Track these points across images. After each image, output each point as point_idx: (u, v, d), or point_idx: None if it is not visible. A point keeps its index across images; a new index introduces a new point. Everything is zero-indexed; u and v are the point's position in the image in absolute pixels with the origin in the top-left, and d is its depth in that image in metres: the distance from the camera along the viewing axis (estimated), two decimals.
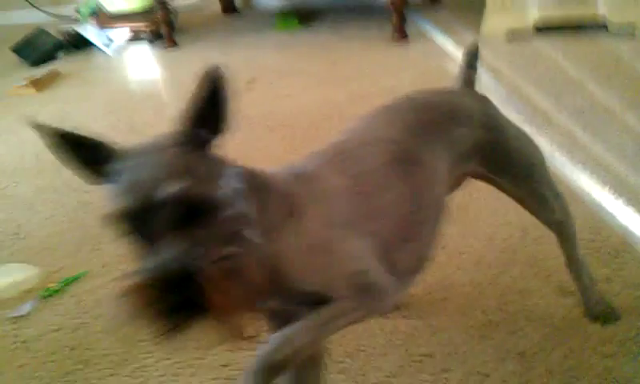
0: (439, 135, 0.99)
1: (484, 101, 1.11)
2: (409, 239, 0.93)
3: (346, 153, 0.94)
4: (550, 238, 1.46)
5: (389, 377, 1.17)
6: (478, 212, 1.60)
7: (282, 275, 0.82)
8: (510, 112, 2.03)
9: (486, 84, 2.32)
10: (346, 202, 0.88)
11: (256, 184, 0.83)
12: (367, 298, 0.85)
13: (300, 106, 2.43)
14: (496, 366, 1.15)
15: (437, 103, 1.04)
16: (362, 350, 1.24)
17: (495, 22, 2.81)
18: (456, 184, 1.07)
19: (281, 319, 0.86)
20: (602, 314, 1.21)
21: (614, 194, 1.60)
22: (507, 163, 1.08)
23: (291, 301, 0.85)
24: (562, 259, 1.38)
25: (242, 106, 2.71)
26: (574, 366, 1.13)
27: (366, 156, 0.93)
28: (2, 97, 3.05)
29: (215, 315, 0.70)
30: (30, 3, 4.40)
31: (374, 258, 0.87)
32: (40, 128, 0.78)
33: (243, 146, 2.15)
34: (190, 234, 0.70)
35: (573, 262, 1.22)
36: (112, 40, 3.57)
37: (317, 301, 0.83)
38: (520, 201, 1.14)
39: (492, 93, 2.24)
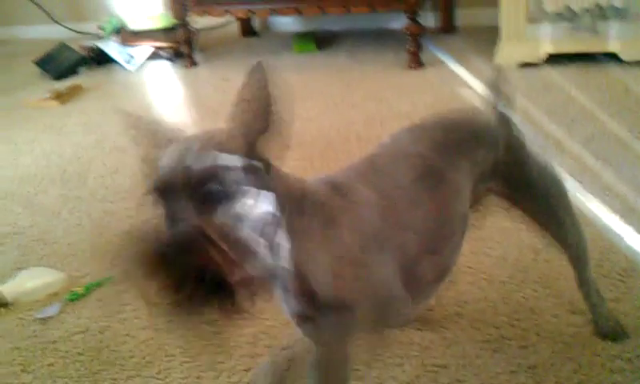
0: (464, 154, 1.05)
1: (507, 122, 1.17)
2: (433, 252, 0.99)
3: (377, 167, 0.99)
4: (561, 259, 1.52)
5: None
6: (491, 232, 1.65)
7: (308, 280, 0.87)
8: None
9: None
10: (376, 214, 0.93)
11: (289, 188, 0.87)
12: (385, 311, 0.90)
13: (318, 127, 2.49)
14: (508, 378, 1.20)
15: (463, 123, 1.11)
16: (378, 360, 1.29)
17: (509, 51, 2.88)
18: (478, 200, 1.13)
19: (304, 321, 0.92)
20: (611, 331, 1.26)
21: (623, 220, 1.65)
22: (527, 184, 1.14)
23: (315, 305, 0.90)
24: (572, 280, 1.44)
25: None
26: (583, 380, 1.17)
27: (396, 171, 0.99)
28: (26, 108, 3.14)
29: (217, 282, 0.72)
30: (52, 19, 4.51)
31: (397, 272, 0.93)
32: (125, 114, 0.86)
33: None
34: (210, 214, 0.74)
35: (583, 282, 1.27)
36: (133, 57, 3.66)
37: (338, 307, 0.88)
38: (537, 221, 1.20)
39: None
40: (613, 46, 2.74)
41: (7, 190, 2.25)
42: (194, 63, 3.56)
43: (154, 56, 3.72)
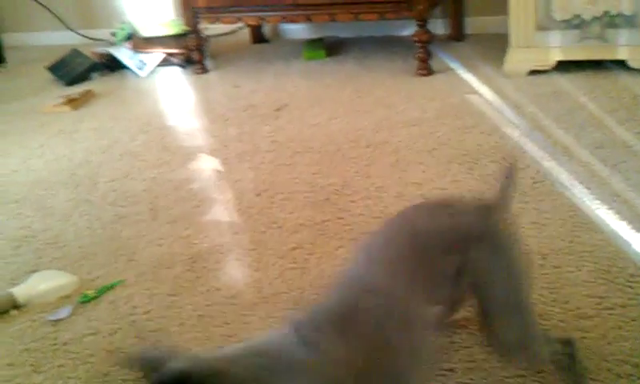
0: (430, 264, 1.03)
1: (489, 229, 1.10)
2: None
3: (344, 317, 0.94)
4: (569, 265, 1.53)
5: None
6: None
7: None
8: (533, 146, 2.11)
9: (509, 118, 2.40)
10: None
11: None
12: None
13: (327, 133, 2.51)
14: (516, 382, 1.20)
15: (431, 235, 1.07)
16: None
17: (518, 59, 2.89)
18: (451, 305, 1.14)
19: None
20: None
21: (631, 226, 1.65)
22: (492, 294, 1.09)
23: None
24: (580, 286, 1.45)
25: (271, 131, 2.80)
26: None
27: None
28: (39, 114, 3.17)
29: None
30: (65, 26, 4.55)
31: None
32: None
33: (271, 166, 2.24)
34: None
35: None
36: (145, 63, 3.70)
37: None
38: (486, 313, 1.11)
39: (515, 127, 2.32)
40: (621, 54, 2.75)
41: (20, 194, 2.28)
42: (204, 70, 3.59)
43: (166, 62, 3.74)
